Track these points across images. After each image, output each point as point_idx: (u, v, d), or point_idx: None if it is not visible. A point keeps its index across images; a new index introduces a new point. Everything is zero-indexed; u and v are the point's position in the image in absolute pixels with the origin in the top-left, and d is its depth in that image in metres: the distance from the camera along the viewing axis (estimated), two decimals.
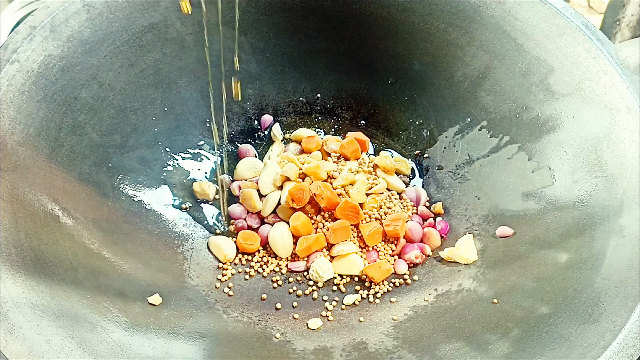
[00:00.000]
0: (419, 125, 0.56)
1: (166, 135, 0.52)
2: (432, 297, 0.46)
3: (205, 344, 0.41)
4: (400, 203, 0.52)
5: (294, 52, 0.55)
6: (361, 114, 0.58)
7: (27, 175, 0.40)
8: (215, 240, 0.49)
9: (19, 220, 0.38)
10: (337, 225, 0.48)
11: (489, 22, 0.50)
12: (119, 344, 0.37)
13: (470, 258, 0.47)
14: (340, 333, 0.44)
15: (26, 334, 0.34)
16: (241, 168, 0.53)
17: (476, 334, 0.40)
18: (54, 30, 0.43)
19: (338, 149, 0.54)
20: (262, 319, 0.45)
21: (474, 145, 0.52)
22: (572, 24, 0.46)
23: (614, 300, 0.37)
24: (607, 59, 0.44)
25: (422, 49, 0.53)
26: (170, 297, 0.44)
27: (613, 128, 0.43)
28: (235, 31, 0.52)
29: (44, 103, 0.42)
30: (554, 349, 0.37)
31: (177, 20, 0.50)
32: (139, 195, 0.49)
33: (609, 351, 0.35)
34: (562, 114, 0.47)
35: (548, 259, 0.43)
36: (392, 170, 0.53)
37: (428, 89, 0.55)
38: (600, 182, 0.43)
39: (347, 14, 0.54)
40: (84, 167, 0.45)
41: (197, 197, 0.52)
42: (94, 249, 0.42)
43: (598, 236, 0.41)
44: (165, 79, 0.51)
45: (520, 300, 0.42)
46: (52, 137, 0.43)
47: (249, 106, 0.56)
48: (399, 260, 0.49)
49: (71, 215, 0.42)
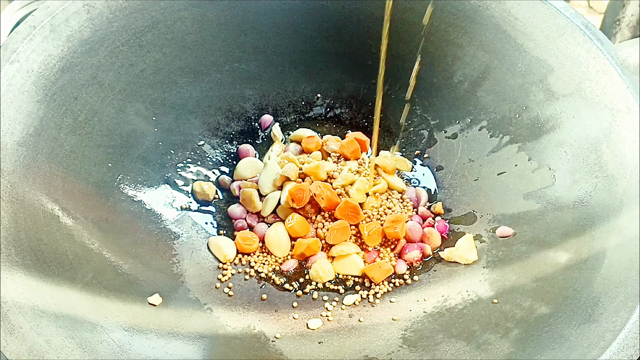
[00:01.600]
0: (419, 125, 0.56)
1: (166, 135, 0.52)
2: (432, 298, 0.46)
3: (205, 344, 0.41)
4: (400, 203, 0.52)
5: (294, 52, 0.55)
6: (361, 114, 0.58)
7: (27, 175, 0.40)
8: (215, 240, 0.49)
9: (19, 220, 0.38)
10: (336, 225, 0.48)
11: (489, 22, 0.50)
12: (119, 344, 0.37)
13: (470, 258, 0.47)
14: (340, 333, 0.44)
15: (26, 334, 0.34)
16: (241, 168, 0.53)
17: (476, 334, 0.40)
18: (54, 30, 0.43)
19: (338, 149, 0.54)
20: (262, 319, 0.45)
21: (474, 145, 0.52)
22: (572, 24, 0.46)
23: (614, 301, 0.37)
24: (607, 59, 0.44)
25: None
26: (170, 297, 0.44)
27: (613, 128, 0.43)
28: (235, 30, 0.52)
29: (44, 103, 0.42)
30: (554, 349, 0.37)
31: (177, 20, 0.50)
32: (139, 195, 0.49)
33: (609, 351, 0.35)
34: (562, 114, 0.47)
35: (548, 259, 0.43)
36: (392, 170, 0.53)
37: (428, 89, 0.55)
38: (600, 182, 0.43)
39: (347, 14, 0.54)
40: (84, 167, 0.45)
41: (197, 197, 0.52)
42: (94, 249, 0.42)
43: (598, 236, 0.41)
44: (165, 79, 0.51)
45: (520, 300, 0.42)
46: (52, 137, 0.43)
47: (249, 106, 0.56)
48: (398, 260, 0.49)
49: (71, 215, 0.42)
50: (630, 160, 0.42)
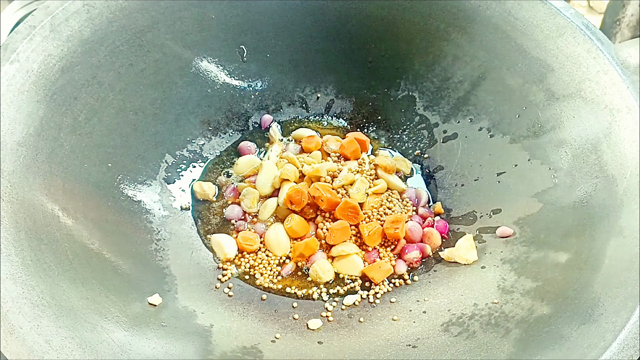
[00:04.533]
0: (419, 125, 0.56)
1: (166, 135, 0.52)
2: (432, 298, 0.46)
3: (205, 344, 0.41)
4: (400, 203, 0.52)
5: (294, 52, 0.55)
6: (361, 114, 0.58)
7: (27, 175, 0.40)
8: (217, 238, 0.49)
9: (19, 220, 0.38)
10: (336, 226, 0.48)
11: (489, 22, 0.50)
12: (119, 344, 0.37)
13: (470, 258, 0.47)
14: (340, 333, 0.44)
15: (26, 334, 0.34)
16: (241, 165, 0.53)
17: (476, 334, 0.40)
18: (54, 30, 0.43)
19: (338, 149, 0.54)
20: (262, 319, 0.45)
21: (474, 145, 0.52)
22: (572, 24, 0.46)
23: (614, 301, 0.37)
24: (607, 59, 0.44)
25: (422, 49, 0.53)
26: (170, 297, 0.44)
27: (613, 128, 0.43)
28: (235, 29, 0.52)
29: (44, 103, 0.42)
30: (554, 349, 0.36)
31: (177, 20, 0.50)
32: (139, 195, 0.49)
33: (609, 352, 0.35)
34: (562, 114, 0.46)
35: (548, 259, 0.43)
36: (393, 170, 0.53)
37: (428, 88, 0.55)
38: (600, 182, 0.43)
39: (347, 14, 0.54)
40: (84, 167, 0.45)
41: (197, 197, 0.52)
42: (94, 249, 0.42)
43: (598, 236, 0.41)
44: (165, 79, 0.51)
45: (520, 300, 0.42)
46: (52, 137, 0.43)
47: (249, 106, 0.56)
48: (398, 260, 0.49)
49: (71, 215, 0.42)
50: (630, 160, 0.42)
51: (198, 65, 0.52)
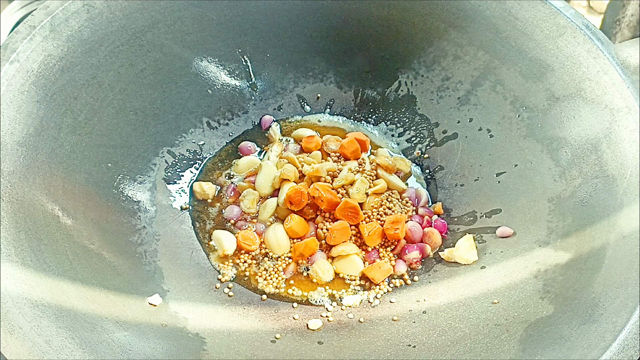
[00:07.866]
0: (419, 125, 0.56)
1: (166, 135, 0.52)
2: (432, 298, 0.46)
3: (205, 344, 0.41)
4: (400, 203, 0.52)
5: (294, 52, 0.55)
6: (361, 114, 0.58)
7: (27, 175, 0.40)
8: (218, 234, 0.49)
9: (19, 220, 0.38)
10: (336, 226, 0.48)
11: (489, 22, 0.50)
12: (119, 344, 0.37)
13: (471, 258, 0.47)
14: (340, 333, 0.44)
15: (26, 334, 0.34)
16: (241, 166, 0.53)
17: (476, 335, 0.40)
18: (54, 30, 0.43)
19: (338, 149, 0.54)
20: (262, 319, 0.45)
21: (474, 145, 0.52)
22: (572, 24, 0.46)
23: (614, 301, 0.37)
24: (607, 59, 0.44)
25: (422, 48, 0.53)
26: (170, 297, 0.44)
27: (613, 128, 0.43)
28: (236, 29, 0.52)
29: (44, 103, 0.42)
30: (554, 349, 0.36)
31: (177, 20, 0.50)
32: (139, 195, 0.49)
33: (609, 352, 0.35)
34: (562, 114, 0.46)
35: (548, 259, 0.43)
36: (393, 169, 0.53)
37: (428, 88, 0.55)
38: (600, 182, 0.43)
39: (347, 14, 0.54)
40: (84, 167, 0.45)
41: (197, 197, 0.52)
42: (94, 249, 0.42)
43: (598, 236, 0.41)
44: (165, 79, 0.51)
45: (521, 300, 0.42)
46: (52, 137, 0.43)
47: (249, 106, 0.56)
48: (398, 260, 0.49)
49: (71, 215, 0.42)
50: (630, 160, 0.42)
51: (198, 65, 0.52)
